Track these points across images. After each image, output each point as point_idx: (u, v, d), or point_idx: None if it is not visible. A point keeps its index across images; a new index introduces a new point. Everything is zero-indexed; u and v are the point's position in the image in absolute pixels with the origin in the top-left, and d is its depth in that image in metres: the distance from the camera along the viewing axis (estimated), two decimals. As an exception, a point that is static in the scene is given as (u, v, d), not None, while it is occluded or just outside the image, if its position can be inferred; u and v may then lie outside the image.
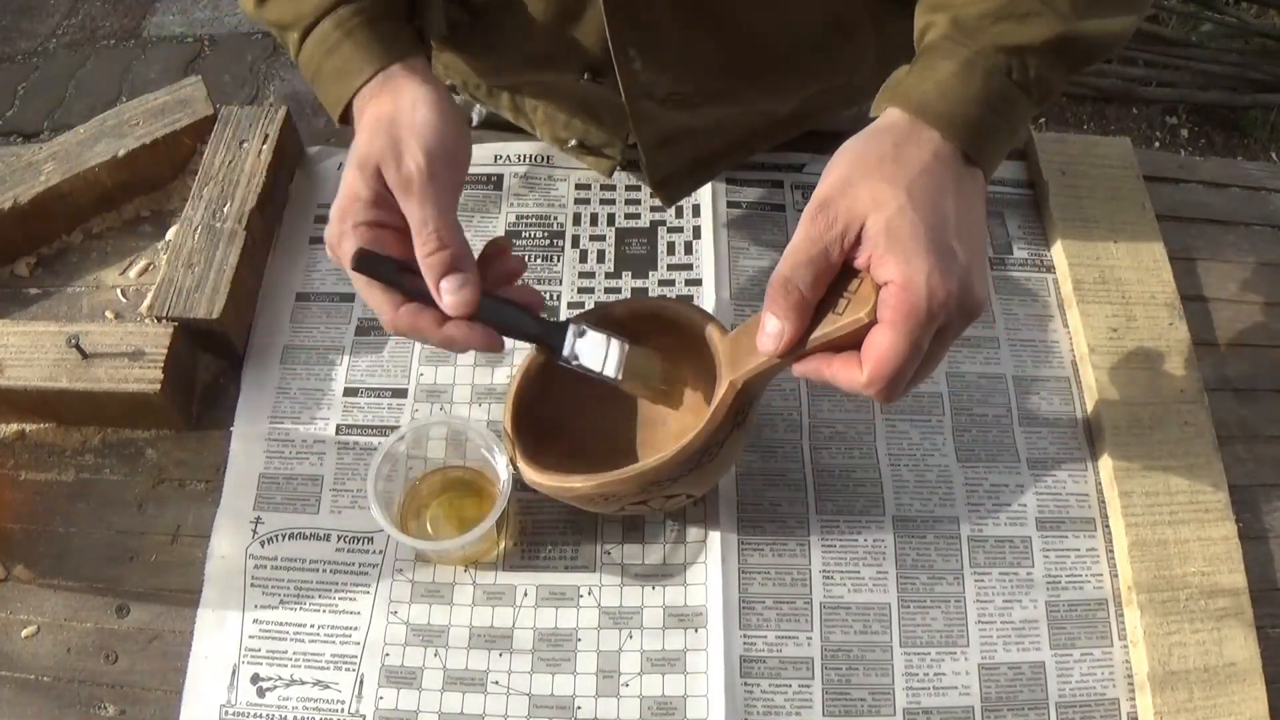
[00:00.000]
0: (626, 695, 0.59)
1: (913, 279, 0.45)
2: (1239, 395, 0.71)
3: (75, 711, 0.59)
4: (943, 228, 0.47)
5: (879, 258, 0.46)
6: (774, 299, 0.49)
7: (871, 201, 0.47)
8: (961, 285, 0.46)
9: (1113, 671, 0.60)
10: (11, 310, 0.73)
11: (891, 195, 0.47)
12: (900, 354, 0.46)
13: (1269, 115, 1.99)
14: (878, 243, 0.47)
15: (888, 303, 0.46)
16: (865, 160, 0.49)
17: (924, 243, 0.46)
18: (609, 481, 0.54)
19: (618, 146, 0.75)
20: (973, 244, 0.48)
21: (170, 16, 2.25)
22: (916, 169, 0.48)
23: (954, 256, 0.47)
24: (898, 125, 0.50)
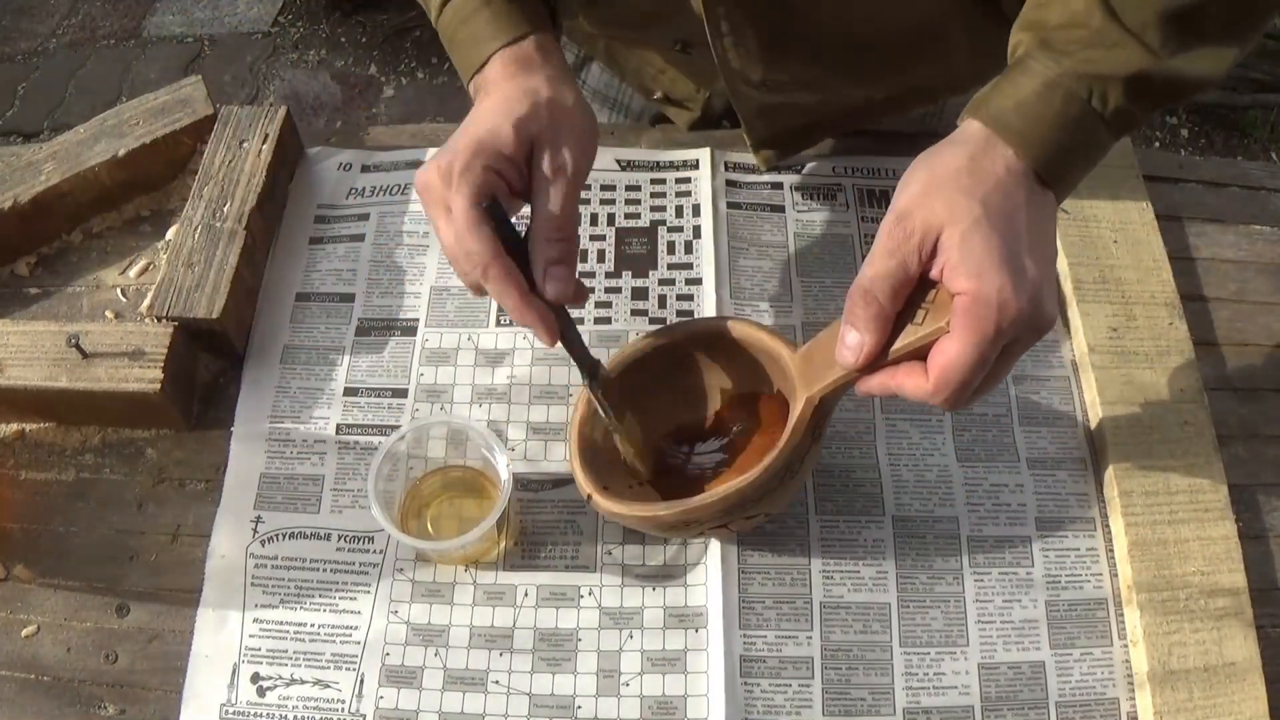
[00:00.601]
0: (627, 695, 0.59)
1: (984, 292, 0.46)
2: (1239, 395, 0.71)
3: (75, 711, 0.59)
4: (1016, 243, 0.48)
5: (952, 269, 0.47)
6: (854, 311, 0.49)
7: (947, 213, 0.48)
8: (1032, 302, 0.47)
9: (1112, 671, 0.60)
10: (11, 310, 0.73)
11: (967, 208, 0.48)
12: (967, 365, 0.46)
13: (1269, 115, 1.99)
14: (952, 254, 0.47)
15: (958, 314, 0.47)
16: (941, 172, 0.50)
17: (997, 258, 0.47)
18: (693, 508, 0.54)
19: (699, 101, 0.79)
20: (1044, 261, 0.49)
21: (170, 16, 2.25)
22: (991, 183, 0.49)
23: (1025, 272, 0.47)
24: (974, 139, 0.50)
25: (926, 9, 0.66)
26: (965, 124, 0.52)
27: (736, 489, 0.53)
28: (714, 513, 0.54)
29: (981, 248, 0.47)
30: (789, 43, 0.66)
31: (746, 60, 0.67)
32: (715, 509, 0.54)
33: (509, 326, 0.71)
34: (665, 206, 0.76)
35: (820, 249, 0.75)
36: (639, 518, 0.57)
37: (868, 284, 0.49)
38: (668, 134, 0.82)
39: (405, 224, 0.76)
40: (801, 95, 0.72)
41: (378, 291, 0.73)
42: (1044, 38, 0.52)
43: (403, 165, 0.79)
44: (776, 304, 0.72)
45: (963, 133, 0.51)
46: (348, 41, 2.19)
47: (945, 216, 0.48)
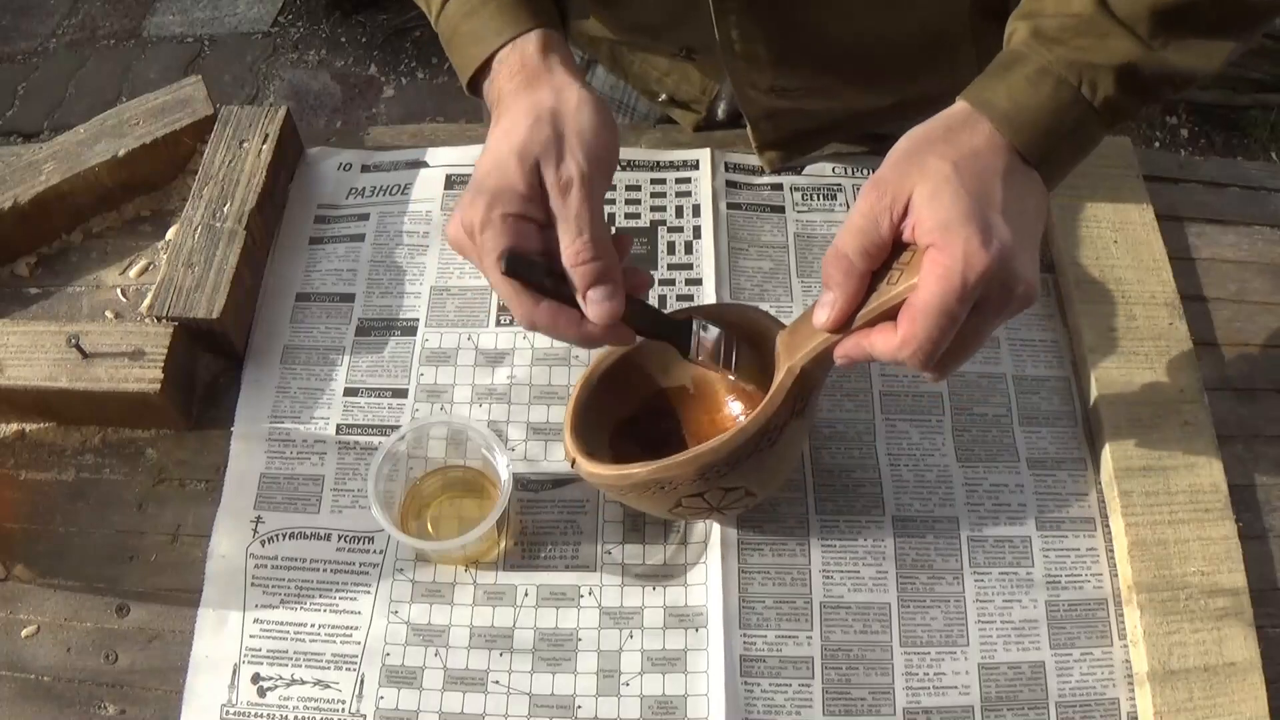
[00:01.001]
0: (627, 695, 0.59)
1: (950, 243, 0.46)
2: (1239, 395, 0.71)
3: (75, 711, 0.59)
4: (985, 203, 0.48)
5: (920, 224, 0.47)
6: (826, 270, 0.50)
7: (919, 173, 0.48)
8: (1001, 257, 0.46)
9: (1112, 671, 0.60)
10: (11, 310, 0.73)
11: (937, 168, 0.48)
12: (933, 316, 0.46)
13: (1269, 115, 1.99)
14: (921, 211, 0.48)
15: (925, 266, 0.47)
16: (919, 140, 0.50)
17: (964, 210, 0.47)
18: (666, 465, 0.53)
19: (704, 104, 0.78)
20: (1020, 227, 0.48)
21: (170, 16, 2.25)
22: (966, 149, 0.49)
23: (994, 229, 0.47)
24: (955, 113, 0.51)
25: (935, 19, 0.67)
26: (955, 105, 0.52)
27: (710, 448, 0.53)
28: (688, 473, 0.53)
29: (949, 201, 0.47)
30: (799, 51, 0.66)
31: (756, 67, 0.67)
32: (688, 469, 0.53)
33: (509, 326, 0.71)
34: (665, 206, 0.77)
35: (820, 249, 0.75)
36: (615, 476, 0.55)
37: (841, 244, 0.50)
38: (668, 134, 0.82)
39: (405, 224, 0.76)
40: (810, 101, 0.72)
41: (378, 291, 0.73)
42: (1036, 26, 0.52)
43: (403, 165, 0.79)
44: (776, 304, 0.72)
45: (947, 112, 0.52)
46: (348, 41, 2.19)
47: (917, 177, 0.48)
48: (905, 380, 0.69)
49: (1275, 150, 1.99)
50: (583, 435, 0.58)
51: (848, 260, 0.49)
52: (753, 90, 0.69)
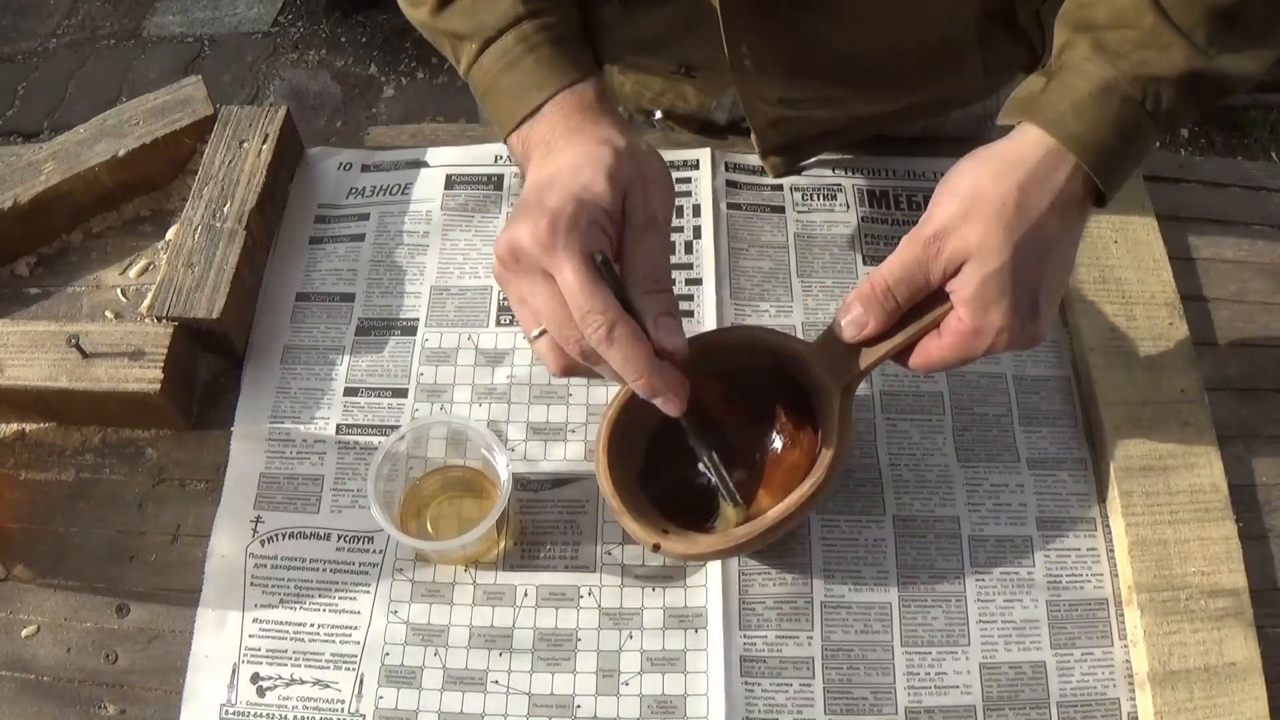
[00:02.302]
0: (626, 694, 0.59)
1: (983, 329, 0.51)
2: (1239, 395, 0.71)
3: (75, 711, 0.59)
4: (1034, 287, 0.51)
5: (964, 301, 0.51)
6: (869, 298, 0.53)
7: (978, 246, 0.50)
8: (1026, 338, 0.52)
9: (1113, 671, 0.60)
10: (11, 310, 0.73)
11: (999, 249, 0.50)
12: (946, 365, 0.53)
13: (1269, 115, 1.99)
14: (969, 288, 0.50)
15: (953, 330, 0.52)
16: (989, 195, 0.51)
17: (1009, 303, 0.50)
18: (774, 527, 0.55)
19: (701, 118, 0.79)
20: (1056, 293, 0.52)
21: (170, 16, 2.25)
22: (1034, 219, 0.50)
23: (1031, 318, 0.51)
24: (1028, 157, 0.51)
25: (944, 27, 0.67)
26: (1021, 129, 0.52)
27: (815, 484, 0.54)
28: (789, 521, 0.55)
29: (997, 293, 0.50)
30: (809, 64, 0.66)
31: (765, 81, 0.67)
32: (791, 515, 0.55)
33: (509, 326, 0.71)
34: (665, 206, 0.76)
35: (820, 249, 0.75)
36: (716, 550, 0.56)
37: (892, 283, 0.52)
38: (668, 134, 0.82)
39: (405, 224, 0.76)
40: (817, 110, 0.72)
41: (378, 291, 0.73)
42: (1096, 39, 0.52)
43: (403, 165, 0.79)
44: (777, 304, 0.72)
45: (1020, 141, 0.52)
46: (348, 41, 2.19)
47: (975, 248, 0.50)
48: (905, 380, 0.69)
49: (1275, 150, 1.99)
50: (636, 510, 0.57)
51: (894, 302, 0.52)
52: (761, 102, 0.69)
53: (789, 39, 0.64)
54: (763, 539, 0.55)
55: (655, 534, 0.56)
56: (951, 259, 0.51)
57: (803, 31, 0.63)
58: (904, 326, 0.54)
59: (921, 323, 0.54)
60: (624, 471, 0.60)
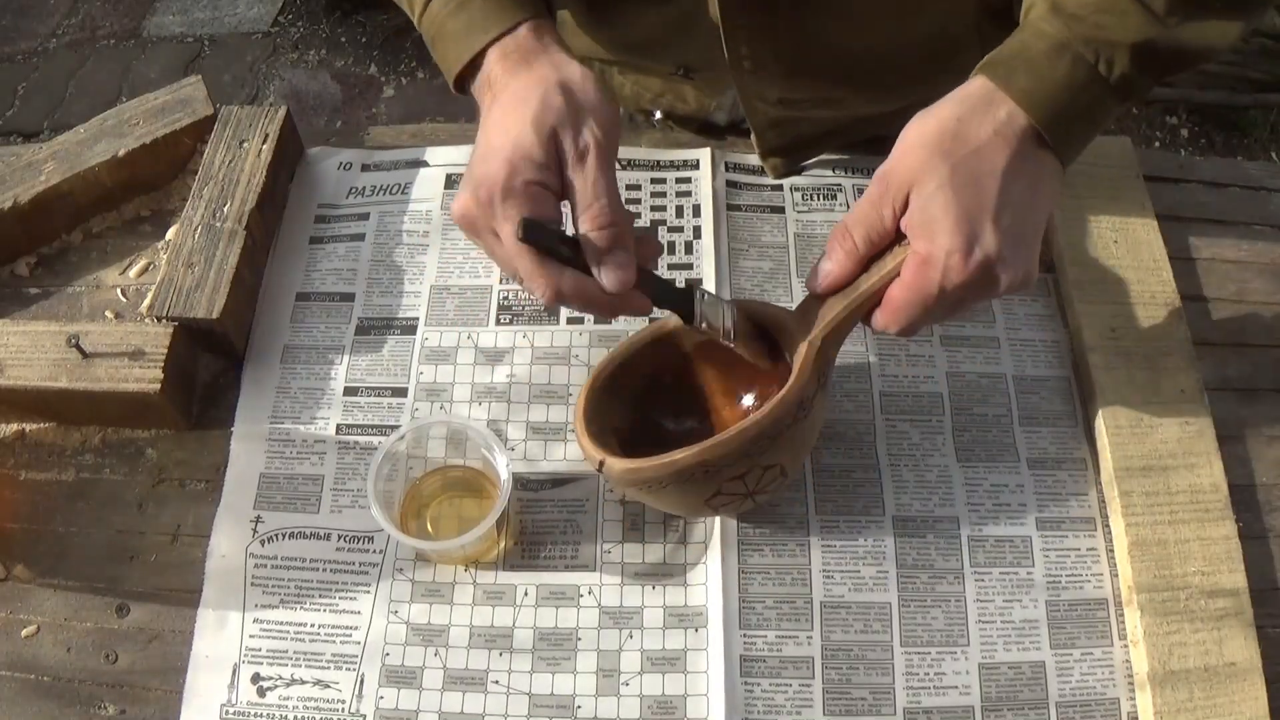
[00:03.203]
0: (626, 694, 0.59)
1: (933, 255, 0.50)
2: (1239, 395, 0.71)
3: (75, 711, 0.59)
4: (978, 209, 0.49)
5: (911, 228, 0.51)
6: (831, 244, 0.54)
7: (920, 171, 0.50)
8: (982, 268, 0.50)
9: (1113, 671, 0.60)
10: (11, 310, 0.73)
11: (936, 170, 0.50)
12: (910, 311, 0.51)
13: (1269, 115, 1.99)
14: (914, 214, 0.51)
15: (907, 267, 0.51)
16: (927, 130, 0.51)
17: (952, 222, 0.49)
18: (713, 445, 0.53)
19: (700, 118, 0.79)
20: (1014, 229, 0.50)
21: (170, 16, 2.25)
22: (970, 146, 0.50)
23: (980, 240, 0.49)
24: (972, 95, 0.52)
25: (943, 24, 0.67)
26: (971, 80, 0.53)
27: (754, 421, 0.53)
28: (731, 452, 0.53)
29: (940, 210, 0.49)
30: (809, 64, 0.66)
31: (765, 81, 0.67)
32: (732, 446, 0.53)
33: (509, 326, 0.71)
34: (665, 206, 0.76)
35: (820, 249, 0.74)
36: (657, 466, 0.54)
37: (849, 225, 0.53)
38: (668, 134, 0.82)
39: (405, 223, 0.76)
40: (818, 110, 0.72)
41: (378, 291, 0.73)
42: (1055, 1, 0.52)
43: (403, 165, 0.79)
44: (777, 304, 0.72)
45: (965, 89, 0.52)
46: (348, 41, 2.19)
47: (917, 174, 0.50)
48: (905, 381, 0.69)
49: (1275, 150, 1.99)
50: (598, 439, 0.58)
51: (852, 243, 0.53)
52: (760, 102, 0.69)
53: (788, 38, 0.64)
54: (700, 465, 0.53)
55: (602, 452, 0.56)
56: (899, 192, 0.51)
57: (802, 30, 0.63)
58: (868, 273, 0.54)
59: (883, 269, 0.53)
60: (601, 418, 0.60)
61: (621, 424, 0.61)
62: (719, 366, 0.63)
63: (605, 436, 0.59)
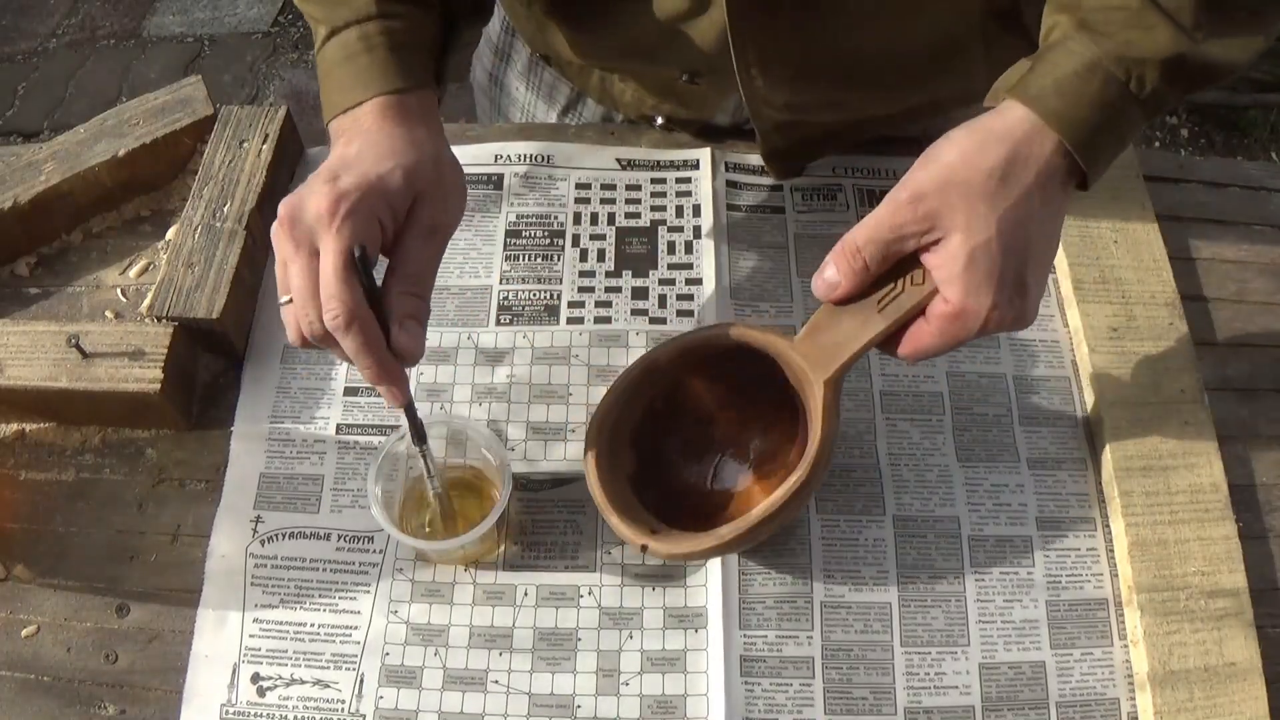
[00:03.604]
0: (627, 694, 0.59)
1: (970, 309, 0.50)
2: (1239, 395, 0.71)
3: (75, 711, 0.59)
4: (1021, 262, 0.50)
5: (949, 280, 0.50)
6: (841, 257, 0.52)
7: (963, 220, 0.49)
8: (1015, 317, 0.51)
9: (1113, 671, 0.60)
10: (11, 310, 0.73)
11: (984, 224, 0.49)
12: (936, 351, 0.52)
13: (1269, 115, 1.99)
14: (954, 266, 0.49)
15: (939, 316, 0.51)
16: (973, 166, 0.50)
17: (996, 281, 0.49)
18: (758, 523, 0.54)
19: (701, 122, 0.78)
20: (1043, 271, 0.52)
21: (170, 16, 2.25)
22: (1018, 193, 0.50)
23: (1020, 294, 0.50)
24: (1013, 131, 0.50)
25: (950, 26, 0.67)
26: (1006, 105, 0.52)
27: (794, 491, 0.53)
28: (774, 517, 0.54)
29: (984, 271, 0.49)
30: (816, 67, 0.66)
31: (772, 86, 0.67)
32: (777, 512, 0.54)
33: (509, 326, 0.71)
34: (665, 206, 0.77)
35: (820, 250, 0.74)
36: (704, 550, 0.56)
37: (862, 243, 0.51)
38: (668, 135, 0.82)
39: (405, 224, 0.76)
40: (823, 114, 0.72)
41: (378, 291, 0.73)
42: (1082, 19, 0.52)
43: (403, 165, 0.79)
44: (777, 305, 0.72)
45: (1001, 120, 0.51)
46: (348, 41, 2.19)
47: (960, 223, 0.49)
48: (905, 380, 0.69)
49: (1275, 150, 2.00)
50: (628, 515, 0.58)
51: (863, 263, 0.52)
52: (766, 107, 0.69)
53: (796, 42, 0.64)
54: (751, 536, 0.55)
55: (644, 534, 0.57)
56: (934, 228, 0.50)
57: (809, 33, 0.63)
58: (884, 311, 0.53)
59: (902, 308, 0.52)
60: (614, 473, 0.60)
61: (631, 468, 0.62)
62: (707, 379, 0.64)
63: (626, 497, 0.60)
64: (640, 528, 0.57)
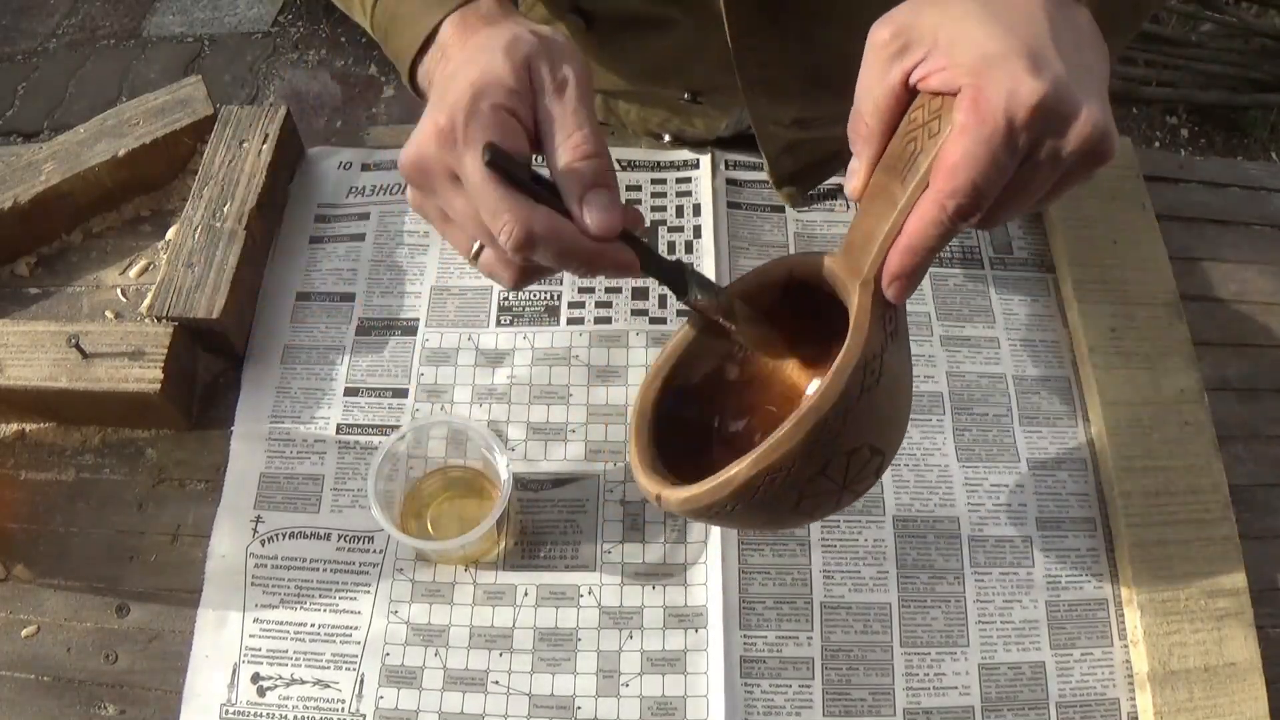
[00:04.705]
0: (626, 695, 0.59)
1: (991, 77, 0.39)
2: (1239, 395, 0.71)
3: (75, 711, 0.59)
4: (1029, 34, 0.40)
5: (952, 63, 0.40)
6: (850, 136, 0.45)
7: (940, 13, 0.42)
8: (1055, 86, 0.38)
9: (1113, 671, 0.60)
10: (11, 310, 0.73)
11: (962, 6, 0.41)
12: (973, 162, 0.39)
13: (1269, 115, 1.99)
14: (951, 48, 0.40)
15: (959, 109, 0.39)
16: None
17: (1002, 44, 0.39)
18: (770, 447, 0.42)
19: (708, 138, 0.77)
20: (1074, 58, 0.40)
21: (170, 16, 2.25)
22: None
23: (1045, 60, 0.39)
24: None
25: None
26: None
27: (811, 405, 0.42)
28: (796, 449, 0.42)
29: (981, 34, 0.40)
30: (824, 78, 0.66)
31: (780, 102, 0.66)
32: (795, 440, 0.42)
33: (509, 326, 0.71)
34: (666, 206, 0.77)
35: (820, 248, 0.74)
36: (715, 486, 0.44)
37: (858, 105, 0.44)
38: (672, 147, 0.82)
39: (406, 223, 0.76)
40: (831, 128, 0.72)
41: (378, 291, 0.73)
42: None
43: (403, 165, 0.79)
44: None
45: None
46: (348, 41, 2.19)
47: (937, 17, 0.42)
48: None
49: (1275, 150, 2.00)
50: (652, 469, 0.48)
51: (862, 122, 0.44)
52: (774, 125, 0.69)
53: (801, 54, 0.63)
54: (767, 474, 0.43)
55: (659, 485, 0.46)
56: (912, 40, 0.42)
57: (813, 44, 0.63)
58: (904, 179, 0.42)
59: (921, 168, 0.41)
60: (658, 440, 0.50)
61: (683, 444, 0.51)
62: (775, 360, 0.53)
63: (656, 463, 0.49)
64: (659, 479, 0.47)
